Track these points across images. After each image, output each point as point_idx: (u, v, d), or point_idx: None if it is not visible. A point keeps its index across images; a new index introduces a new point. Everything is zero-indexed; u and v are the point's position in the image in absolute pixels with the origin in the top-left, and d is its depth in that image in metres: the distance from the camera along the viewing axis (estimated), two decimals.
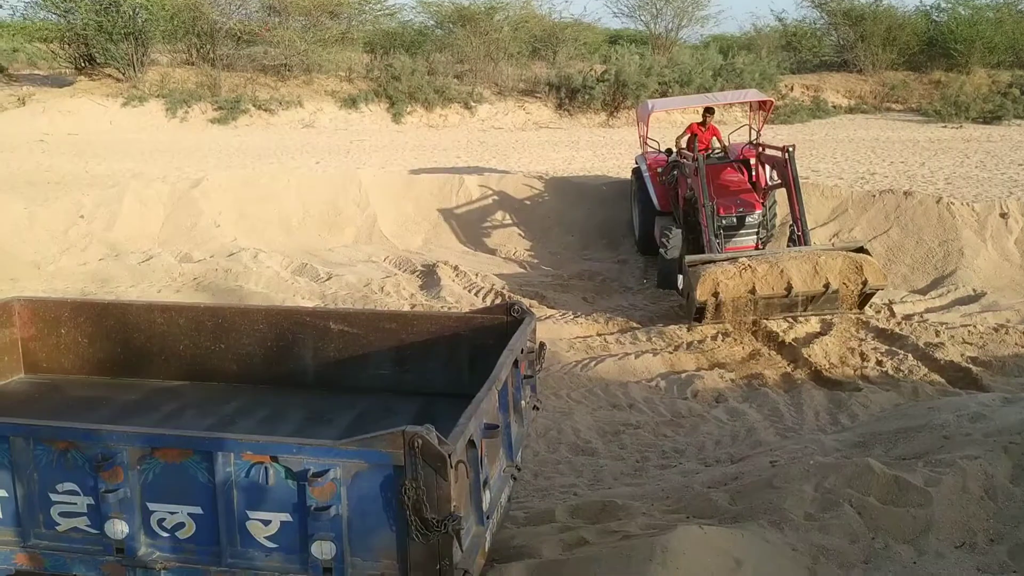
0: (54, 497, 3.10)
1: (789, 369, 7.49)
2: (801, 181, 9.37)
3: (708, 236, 8.80)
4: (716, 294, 7.80)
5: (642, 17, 33.59)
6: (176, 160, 16.71)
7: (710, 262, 8.14)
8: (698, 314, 8.02)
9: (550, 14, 31.02)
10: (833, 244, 9.96)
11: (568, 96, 25.54)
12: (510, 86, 26.43)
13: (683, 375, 7.37)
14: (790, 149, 8.93)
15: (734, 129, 12.16)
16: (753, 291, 7.83)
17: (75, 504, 3.08)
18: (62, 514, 3.11)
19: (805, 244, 8.77)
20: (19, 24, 30.84)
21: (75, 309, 5.02)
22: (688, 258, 8.36)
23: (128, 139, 19.95)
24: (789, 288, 7.81)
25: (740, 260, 8.02)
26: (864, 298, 8.21)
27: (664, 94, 24.58)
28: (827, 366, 7.45)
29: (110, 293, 9.10)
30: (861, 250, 8.29)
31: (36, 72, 27.22)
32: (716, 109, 11.15)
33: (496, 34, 27.70)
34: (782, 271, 7.87)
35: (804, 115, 24.77)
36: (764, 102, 11.15)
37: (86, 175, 14.23)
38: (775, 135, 19.31)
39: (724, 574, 3.54)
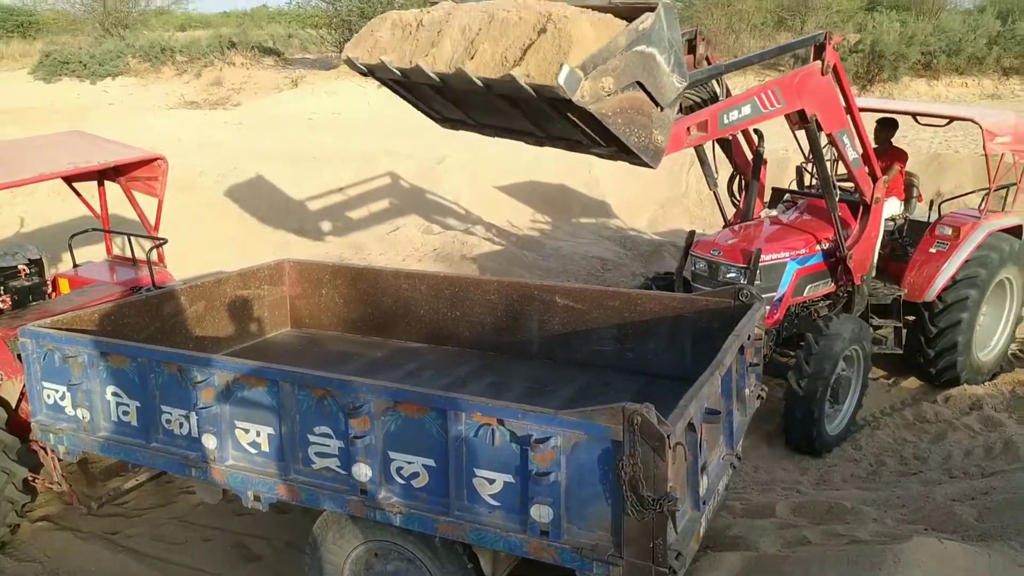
0: (311, 438, 3.49)
1: None
2: None
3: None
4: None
5: None
6: (422, 139, 17.84)
7: None
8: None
9: None
10: None
11: None
12: None
13: None
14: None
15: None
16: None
17: (328, 446, 3.46)
18: (317, 454, 3.49)
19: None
20: (295, 12, 34.36)
21: (334, 272, 5.60)
22: None
23: (382, 119, 21.56)
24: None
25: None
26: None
27: (927, 66, 22.28)
28: None
29: (363, 260, 9.98)
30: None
31: (307, 56, 30.12)
32: (899, 122, 7.17)
33: (739, 4, 26.54)
34: (442, 30, 4.17)
35: None
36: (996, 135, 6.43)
37: (346, 151, 15.60)
38: None
39: None
